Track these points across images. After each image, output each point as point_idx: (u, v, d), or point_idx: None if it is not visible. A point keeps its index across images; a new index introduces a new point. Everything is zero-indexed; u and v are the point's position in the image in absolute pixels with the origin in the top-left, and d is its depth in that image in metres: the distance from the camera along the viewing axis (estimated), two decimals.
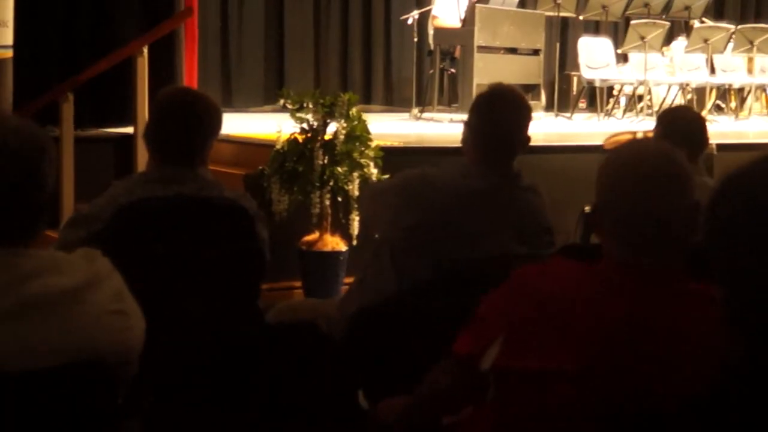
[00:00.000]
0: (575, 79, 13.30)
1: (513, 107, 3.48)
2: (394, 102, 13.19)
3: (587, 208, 6.98)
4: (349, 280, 6.66)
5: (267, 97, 12.52)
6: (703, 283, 2.11)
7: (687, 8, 12.27)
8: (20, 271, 2.18)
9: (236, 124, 9.57)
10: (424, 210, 3.37)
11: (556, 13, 11.74)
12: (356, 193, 6.41)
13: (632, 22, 11.44)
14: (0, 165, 2.19)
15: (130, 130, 8.05)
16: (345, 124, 6.45)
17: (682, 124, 4.08)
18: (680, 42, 12.44)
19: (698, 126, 4.14)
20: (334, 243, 6.61)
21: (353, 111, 6.51)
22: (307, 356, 2.53)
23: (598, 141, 8.42)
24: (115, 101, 8.26)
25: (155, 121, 3.25)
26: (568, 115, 11.80)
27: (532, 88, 11.32)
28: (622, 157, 2.13)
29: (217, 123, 3.31)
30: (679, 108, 4.31)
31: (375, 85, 13.20)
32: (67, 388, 2.18)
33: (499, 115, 3.45)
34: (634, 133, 4.07)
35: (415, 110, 10.95)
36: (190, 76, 8.71)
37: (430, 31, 11.23)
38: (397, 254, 3.42)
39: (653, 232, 2.05)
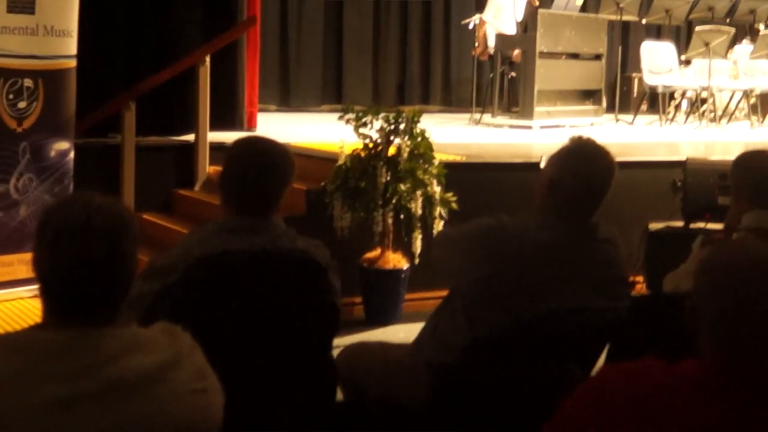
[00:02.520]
0: (636, 81, 13.18)
1: (602, 167, 3.37)
2: (452, 102, 13.13)
3: (651, 226, 6.92)
4: (410, 296, 6.64)
5: (325, 97, 12.51)
6: None
7: (752, 12, 12.12)
8: (103, 352, 2.16)
9: (296, 129, 9.58)
10: (498, 261, 3.29)
11: (618, 17, 11.62)
12: (419, 211, 6.36)
13: (696, 28, 11.26)
14: (83, 244, 2.17)
15: (191, 138, 8.06)
16: (409, 142, 6.40)
17: (760, 172, 3.95)
18: (744, 46, 12.26)
19: None
20: (396, 260, 6.58)
21: (417, 128, 6.44)
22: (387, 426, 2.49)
23: (661, 155, 8.33)
24: (176, 109, 8.27)
25: (232, 172, 3.21)
26: (629, 119, 11.68)
27: (593, 93, 11.23)
28: (724, 258, 2.06)
29: (291, 171, 3.28)
30: (757, 154, 4.16)
31: (433, 85, 13.15)
32: None
33: (588, 174, 3.34)
34: (730, 231, 3.93)
35: (475, 115, 10.88)
36: (251, 85, 8.69)
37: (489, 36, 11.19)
38: (470, 304, 3.36)
39: (756, 334, 1.98)
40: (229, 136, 8.41)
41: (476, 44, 11.25)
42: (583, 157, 3.39)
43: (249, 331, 3.04)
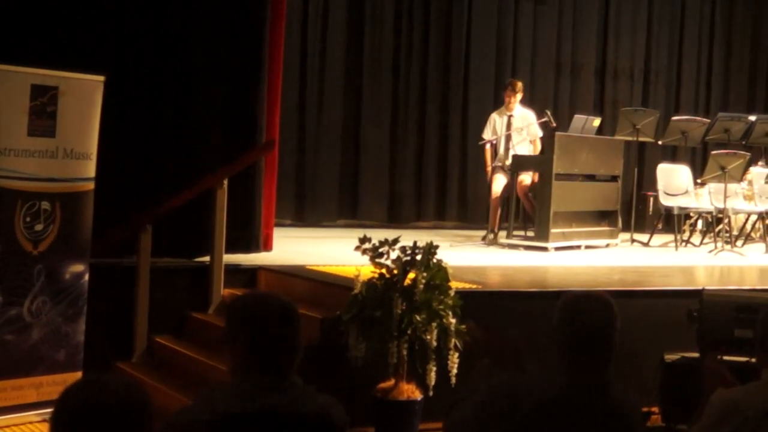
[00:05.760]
0: (651, 199, 13.19)
1: (600, 314, 3.41)
2: (467, 218, 13.17)
3: (666, 356, 6.85)
4: (424, 427, 6.55)
5: (341, 212, 12.55)
6: None
7: (767, 135, 12.13)
8: None
9: (312, 249, 9.60)
10: (509, 423, 3.30)
11: (635, 139, 11.70)
12: (434, 343, 6.31)
13: (713, 153, 11.27)
14: (100, 426, 2.17)
15: (206, 260, 8.05)
16: (425, 273, 6.38)
17: None
18: (760, 168, 12.28)
19: None
20: (410, 391, 6.50)
21: (434, 260, 6.43)
22: None
23: (677, 284, 8.30)
24: (191, 231, 8.23)
25: (246, 336, 3.16)
26: (644, 238, 11.67)
27: (609, 214, 11.24)
28: None
29: (299, 322, 3.25)
30: None
31: (449, 201, 13.20)
32: None
33: (586, 321, 3.38)
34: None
35: (490, 235, 10.90)
36: (268, 207, 8.70)
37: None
38: None
39: None
40: (244, 258, 8.43)
41: (487, 167, 11.34)
42: (579, 308, 3.44)
43: None
